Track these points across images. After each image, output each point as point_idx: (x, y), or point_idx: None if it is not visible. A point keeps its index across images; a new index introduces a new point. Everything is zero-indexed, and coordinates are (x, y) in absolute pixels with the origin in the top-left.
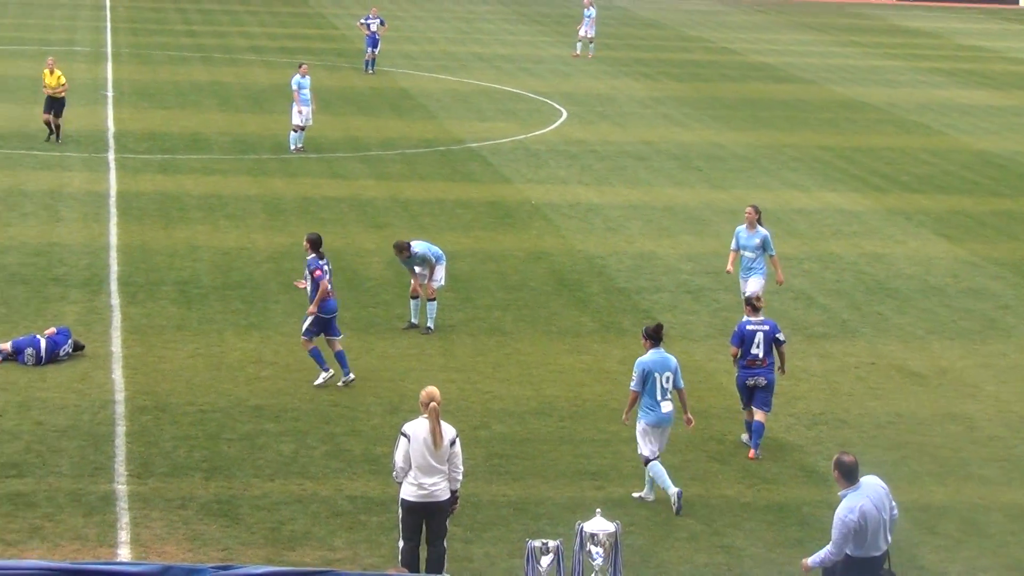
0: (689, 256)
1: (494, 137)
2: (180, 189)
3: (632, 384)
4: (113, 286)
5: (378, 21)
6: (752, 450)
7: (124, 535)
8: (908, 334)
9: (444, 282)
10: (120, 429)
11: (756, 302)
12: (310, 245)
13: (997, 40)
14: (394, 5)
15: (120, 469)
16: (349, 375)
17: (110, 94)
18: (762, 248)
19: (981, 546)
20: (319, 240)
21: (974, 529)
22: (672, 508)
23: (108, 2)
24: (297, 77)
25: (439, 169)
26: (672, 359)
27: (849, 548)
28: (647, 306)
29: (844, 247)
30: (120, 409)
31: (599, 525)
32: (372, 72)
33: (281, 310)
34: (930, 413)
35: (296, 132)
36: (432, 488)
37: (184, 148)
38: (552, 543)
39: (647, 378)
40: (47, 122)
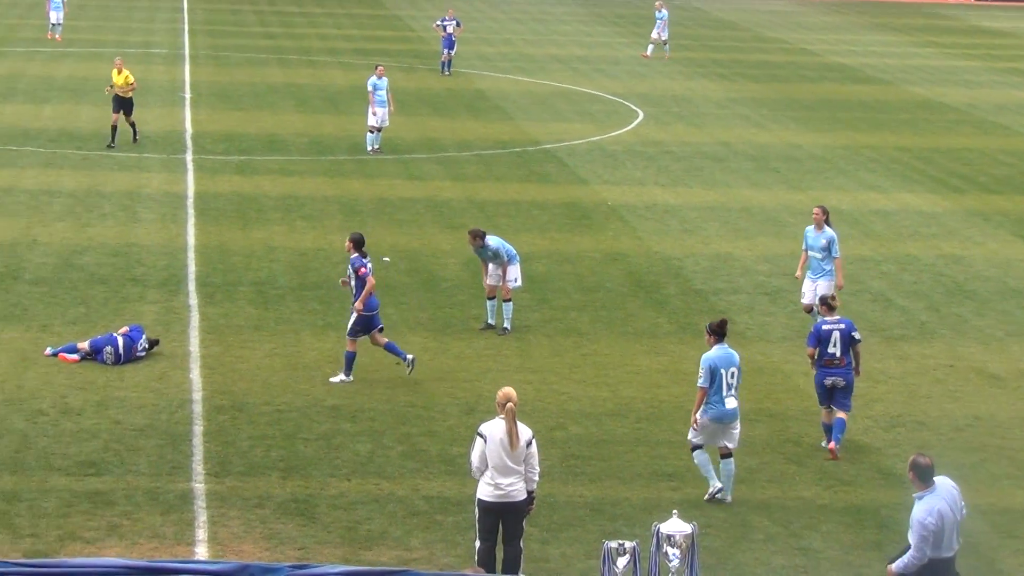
0: (766, 257)
1: (570, 138)
2: (257, 190)
3: (700, 381)
4: (191, 286)
5: (454, 23)
6: (832, 442)
7: (201, 533)
8: (987, 336)
9: (520, 283)
10: (198, 428)
11: (832, 301)
12: (353, 244)
13: None
14: (470, 7)
15: (198, 468)
16: (408, 357)
17: (188, 96)
18: (828, 250)
19: None
20: (362, 239)
21: None
22: (710, 495)
23: (186, 4)
24: (373, 79)
25: (515, 170)
26: (736, 354)
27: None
28: (724, 307)
29: (922, 249)
30: (197, 408)
31: (675, 526)
32: (448, 74)
33: None
34: (1009, 416)
35: (372, 133)
36: (508, 488)
37: (261, 149)
38: (628, 544)
39: (714, 374)
40: (114, 125)
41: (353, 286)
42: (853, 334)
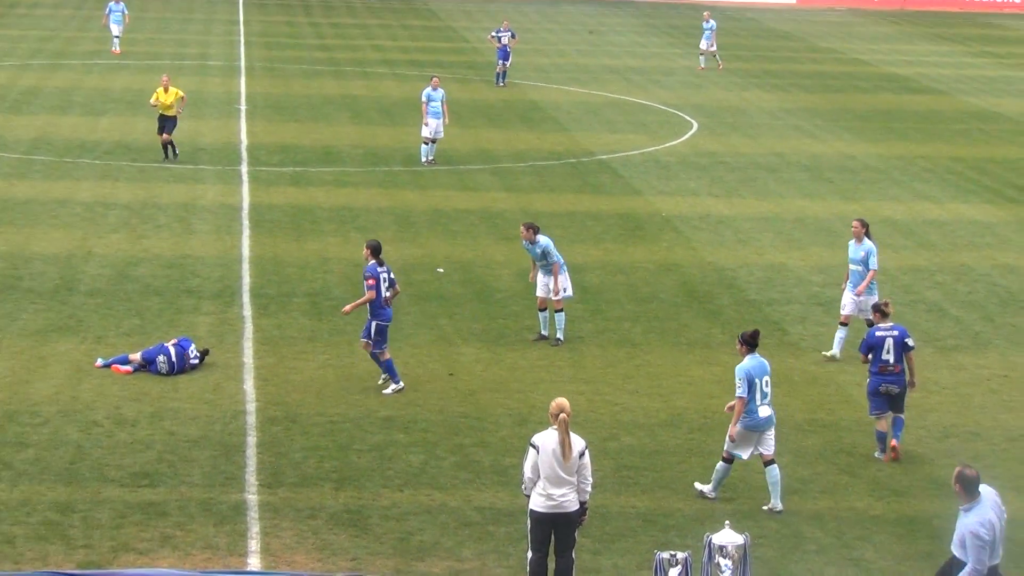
0: (820, 268)
1: (624, 149)
2: (312, 201)
3: (738, 391)
4: (245, 297)
5: (509, 34)
6: (894, 440)
7: (254, 544)
8: None
9: (571, 292)
10: (251, 439)
11: (885, 308)
12: (370, 252)
13: None
14: (525, 18)
15: (251, 479)
16: (398, 382)
17: (243, 108)
18: (865, 262)
19: None
20: (379, 247)
21: None
22: (700, 493)
23: (242, 17)
24: (428, 90)
25: (569, 181)
26: (767, 363)
27: None
28: (777, 318)
29: (977, 259)
30: (251, 420)
31: (728, 537)
32: (503, 85)
33: (411, 321)
34: None
35: (427, 145)
36: (561, 499)
37: (316, 161)
38: (681, 555)
39: (750, 383)
40: (165, 144)
41: (388, 296)
42: (906, 340)
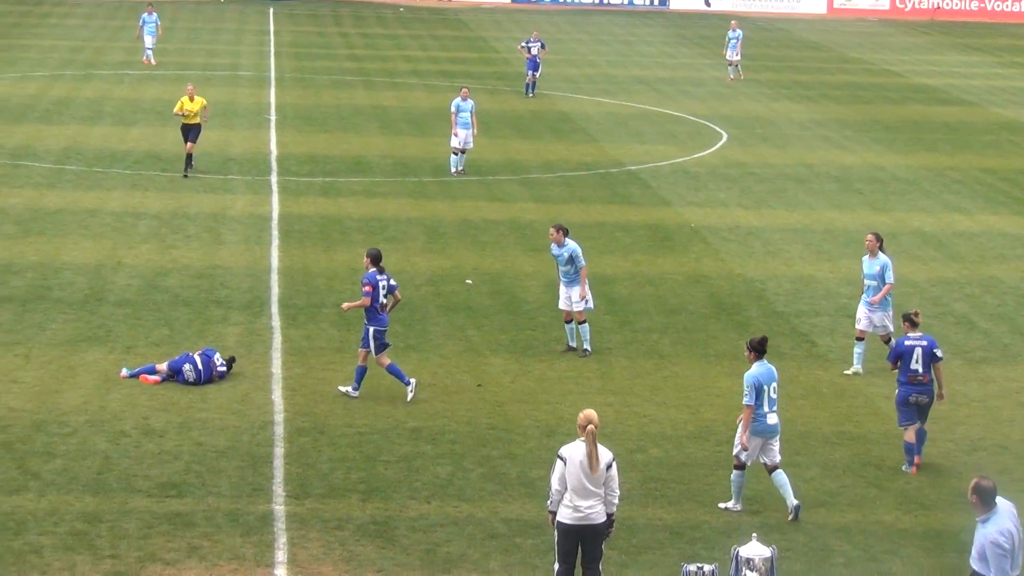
0: (849, 280)
1: (654, 160)
2: (341, 212)
3: (746, 399)
4: (274, 308)
5: (539, 44)
6: (918, 456)
7: (281, 555)
8: None
9: (592, 304)
10: (279, 450)
11: (915, 317)
12: (370, 260)
13: None
14: (555, 28)
15: (278, 490)
16: (356, 391)
17: (273, 118)
18: (882, 277)
19: None
20: (379, 255)
21: None
22: (728, 507)
23: (272, 27)
24: (457, 100)
25: (599, 192)
26: (775, 370)
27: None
28: (806, 330)
29: (1006, 271)
30: (279, 430)
31: (755, 550)
32: (532, 95)
33: (440, 332)
34: None
35: (456, 155)
36: (588, 511)
37: (346, 171)
38: (708, 567)
39: (758, 391)
40: (189, 153)
41: (387, 303)
42: (935, 351)
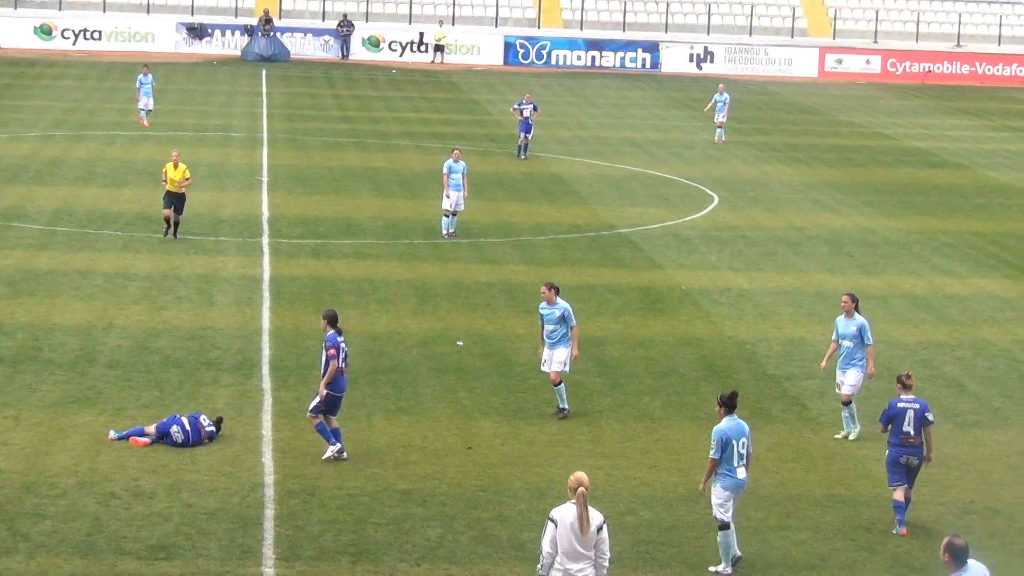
0: None
1: (645, 223)
2: (332, 273)
3: (712, 452)
4: (265, 370)
5: (531, 107)
6: (903, 528)
7: None
8: None
9: (567, 368)
10: (269, 512)
11: (907, 380)
12: (328, 322)
13: None
14: (547, 90)
15: (268, 552)
16: (337, 447)
17: (265, 179)
18: (860, 338)
19: None
20: (335, 317)
21: None
22: (718, 571)
23: (265, 89)
24: (449, 161)
25: (590, 254)
26: (746, 425)
27: None
28: (796, 392)
29: (997, 334)
30: (269, 492)
31: None
32: (525, 157)
33: (431, 394)
34: None
35: (447, 217)
36: (578, 574)
37: (337, 233)
38: None
39: (725, 445)
40: (167, 218)
41: (343, 367)
42: (927, 415)
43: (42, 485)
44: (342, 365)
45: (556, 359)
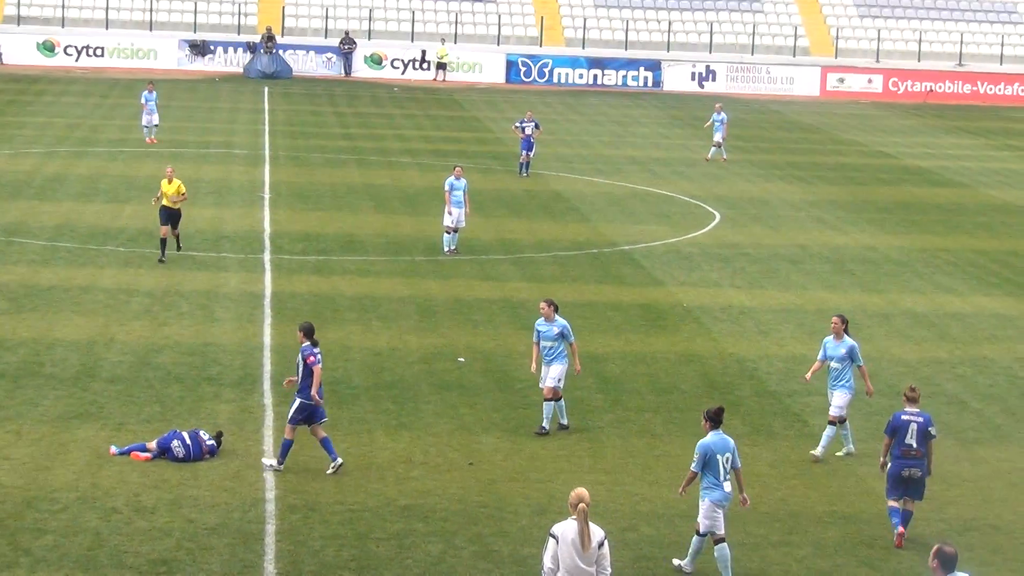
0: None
1: (646, 240)
2: (334, 290)
3: (693, 465)
4: (266, 385)
5: (533, 124)
6: (902, 527)
7: None
8: None
9: (562, 383)
10: (270, 528)
11: (911, 393)
12: (304, 334)
13: None
14: (549, 108)
15: (269, 568)
16: (338, 459)
17: (267, 196)
18: (849, 359)
19: None
20: (312, 329)
21: None
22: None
23: (267, 106)
24: (451, 179)
25: (591, 271)
26: (731, 440)
27: None
28: (798, 409)
29: (998, 351)
30: (270, 508)
31: None
32: (526, 175)
33: (432, 410)
34: None
35: (449, 234)
36: None
37: (339, 249)
38: None
39: (709, 459)
40: (164, 238)
41: (300, 377)
42: (930, 429)
43: (43, 500)
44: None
45: (551, 375)
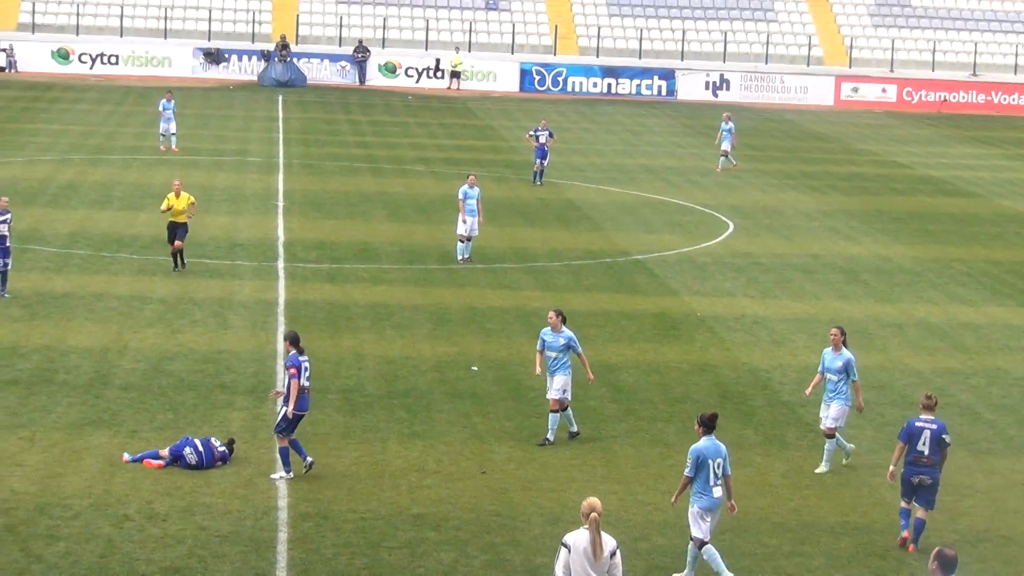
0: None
1: (660, 249)
2: (347, 298)
3: (686, 470)
4: None
5: (547, 133)
6: (912, 545)
7: None
8: None
9: (568, 394)
10: (282, 536)
11: (927, 400)
12: (290, 343)
13: None
14: (563, 117)
15: (281, 575)
16: (308, 459)
17: (281, 204)
18: (845, 372)
19: None
20: (297, 337)
21: None
22: None
23: (281, 114)
24: (464, 187)
25: (605, 280)
26: (723, 446)
27: None
28: (811, 419)
29: (1012, 362)
30: (283, 516)
31: None
32: (540, 184)
33: (444, 419)
34: None
35: (463, 242)
36: None
37: (352, 258)
38: None
39: (701, 465)
40: (175, 253)
41: (287, 388)
42: (943, 436)
43: (56, 506)
44: (305, 384)
45: (555, 386)
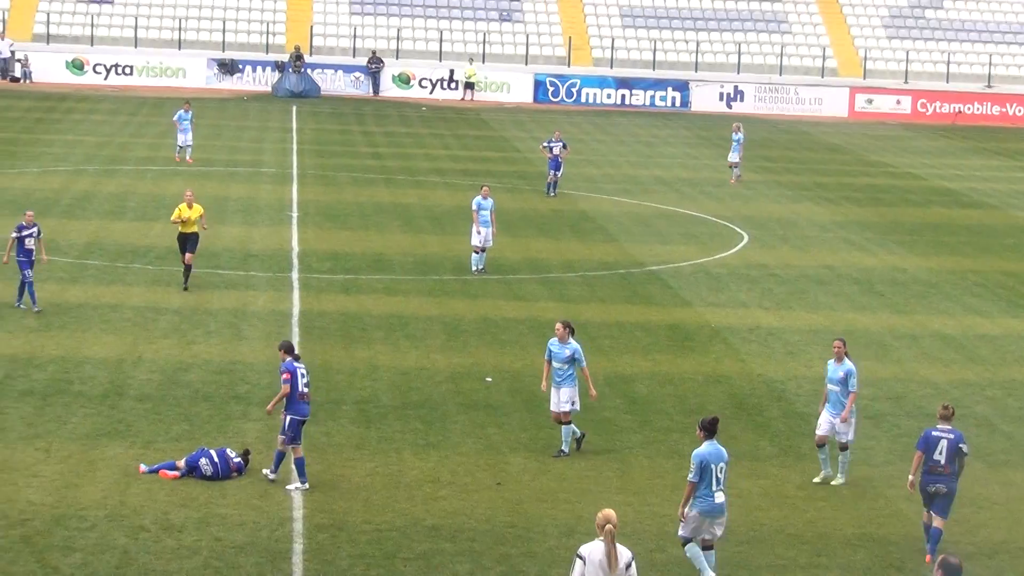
0: (869, 381)
1: (674, 260)
2: (362, 309)
3: (690, 476)
4: None
5: (560, 144)
6: (928, 555)
7: None
8: None
9: (578, 406)
10: (298, 547)
11: (944, 410)
12: (284, 352)
13: None
14: (577, 128)
15: None
16: (271, 475)
17: (295, 215)
18: (844, 383)
19: None
20: (292, 347)
21: None
22: None
23: (295, 125)
24: (478, 198)
25: (619, 292)
26: (724, 451)
27: None
28: None
29: None
30: (298, 527)
31: None
32: (554, 195)
33: (459, 430)
34: None
35: (477, 253)
36: None
37: (367, 268)
38: None
39: (704, 469)
40: (187, 268)
41: (305, 392)
42: (961, 446)
43: (72, 518)
44: (304, 390)
45: (561, 399)
